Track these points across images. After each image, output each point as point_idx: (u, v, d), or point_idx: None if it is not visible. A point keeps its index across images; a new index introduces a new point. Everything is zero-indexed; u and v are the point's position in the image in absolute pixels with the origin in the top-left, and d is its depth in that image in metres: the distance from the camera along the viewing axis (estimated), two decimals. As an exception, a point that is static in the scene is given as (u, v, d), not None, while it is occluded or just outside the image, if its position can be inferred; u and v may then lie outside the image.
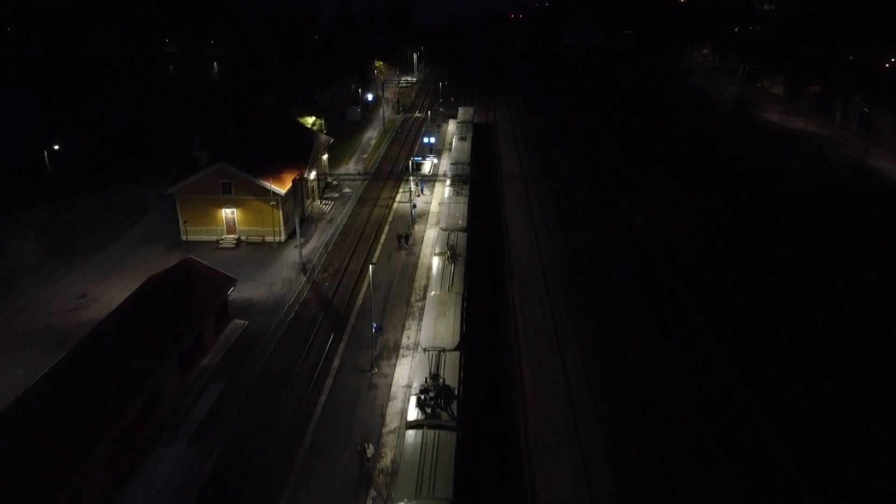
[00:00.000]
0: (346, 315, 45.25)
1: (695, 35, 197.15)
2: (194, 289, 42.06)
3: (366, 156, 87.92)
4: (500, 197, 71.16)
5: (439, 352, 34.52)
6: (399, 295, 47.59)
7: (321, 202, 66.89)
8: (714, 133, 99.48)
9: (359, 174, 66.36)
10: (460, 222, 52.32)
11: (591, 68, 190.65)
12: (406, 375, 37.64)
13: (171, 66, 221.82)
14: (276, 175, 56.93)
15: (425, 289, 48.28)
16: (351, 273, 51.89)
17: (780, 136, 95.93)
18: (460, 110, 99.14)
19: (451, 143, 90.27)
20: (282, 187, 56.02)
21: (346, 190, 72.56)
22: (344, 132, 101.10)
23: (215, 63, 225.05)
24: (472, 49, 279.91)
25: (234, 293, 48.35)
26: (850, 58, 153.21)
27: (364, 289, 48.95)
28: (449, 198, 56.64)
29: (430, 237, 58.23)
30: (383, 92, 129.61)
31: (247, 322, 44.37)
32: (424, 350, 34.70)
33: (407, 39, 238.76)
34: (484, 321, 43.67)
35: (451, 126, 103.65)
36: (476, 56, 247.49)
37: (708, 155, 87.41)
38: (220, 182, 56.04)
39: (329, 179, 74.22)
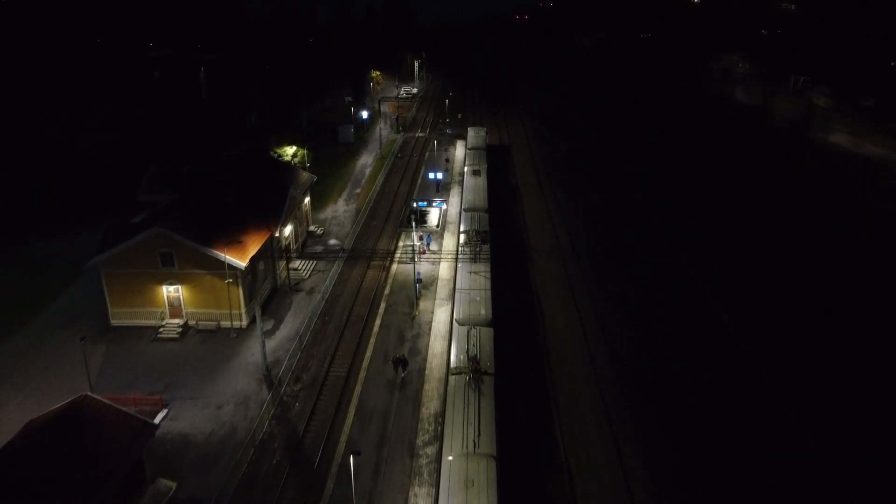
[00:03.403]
0: (322, 472, 30.92)
1: (718, 38, 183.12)
2: (91, 446, 27.91)
3: (359, 191, 73.50)
4: (525, 252, 56.91)
5: None
6: (399, 434, 33.21)
7: (299, 263, 52.58)
8: (772, 159, 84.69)
9: (342, 249, 52.13)
10: (483, 312, 38.13)
11: (610, 76, 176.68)
12: None
13: (156, 73, 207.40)
14: (236, 238, 42.69)
15: (436, 420, 34.08)
16: (333, 384, 37.58)
17: (854, 164, 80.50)
18: (470, 132, 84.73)
19: (460, 174, 76.18)
20: (242, 258, 41.75)
21: (333, 242, 58.31)
22: (334, 157, 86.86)
23: (202, 69, 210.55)
24: (475, 52, 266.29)
25: (168, 421, 34.46)
26: (893, 64, 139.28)
27: (351, 417, 34.63)
28: (465, 271, 42.26)
29: (441, 322, 43.90)
30: (380, 106, 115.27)
31: (174, 485, 30.08)
32: None
33: (407, 40, 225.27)
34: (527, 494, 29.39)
35: (459, 149, 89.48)
36: (480, 60, 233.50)
37: (773, 190, 72.53)
38: (159, 251, 41.81)
39: (312, 228, 59.93)
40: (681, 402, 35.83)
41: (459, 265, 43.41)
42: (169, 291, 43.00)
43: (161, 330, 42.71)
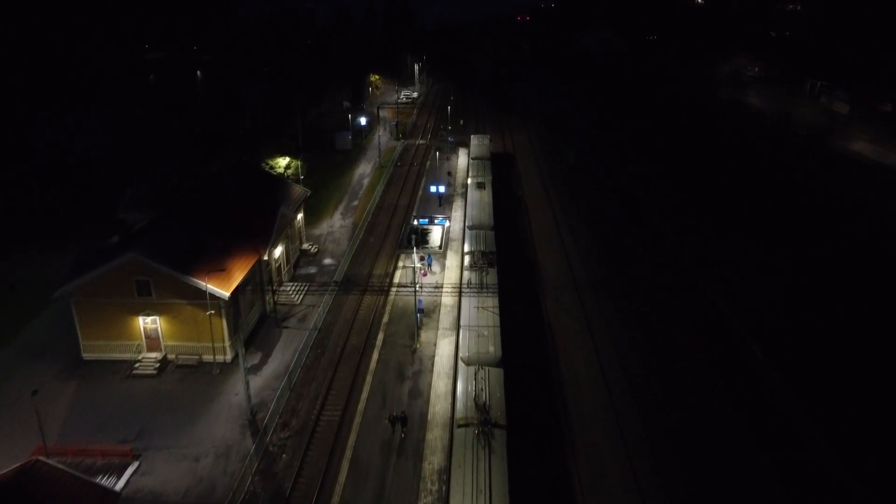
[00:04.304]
0: (309, 543, 27.19)
1: (719, 39, 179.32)
2: (41, 520, 24.16)
3: (356, 203, 69.64)
4: (534, 273, 53.08)
5: None
6: (399, 494, 29.32)
7: (290, 287, 48.75)
8: (790, 168, 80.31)
9: (336, 283, 48.10)
10: (491, 349, 34.28)
11: (611, 77, 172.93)
12: None
13: (152, 76, 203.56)
14: (219, 265, 38.96)
15: (440, 477, 30.27)
16: (325, 431, 33.75)
17: (880, 176, 76.50)
18: (473, 140, 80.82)
19: (463, 186, 72.42)
20: (225, 287, 37.97)
21: (328, 261, 54.50)
22: (331, 166, 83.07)
23: (199, 71, 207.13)
24: (476, 52, 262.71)
25: (138, 476, 30.76)
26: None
27: (344, 473, 30.80)
28: (470, 305, 38.11)
29: (445, 356, 40.09)
30: (379, 112, 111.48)
31: (141, 560, 26.32)
32: None
33: (407, 41, 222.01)
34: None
35: (462, 158, 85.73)
36: (481, 62, 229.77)
37: (793, 202, 68.14)
38: (134, 280, 38.03)
39: (306, 246, 56.11)
40: (714, 453, 32.02)
41: (464, 299, 39.24)
42: (146, 323, 39.24)
43: (137, 365, 38.90)
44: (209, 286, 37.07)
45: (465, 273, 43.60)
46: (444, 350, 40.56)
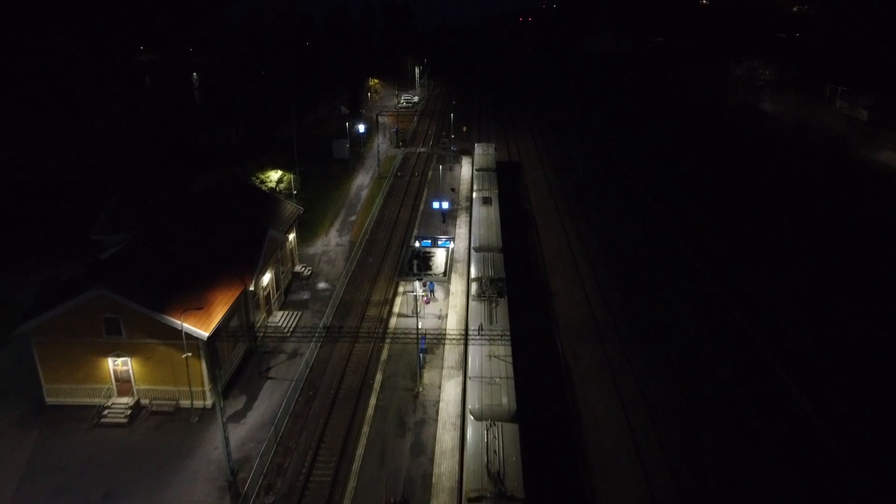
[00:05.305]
0: None
1: (732, 42, 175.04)
2: None
3: (354, 218, 65.38)
4: (547, 300, 48.82)
5: None
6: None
7: (280, 316, 44.55)
8: (815, 181, 75.85)
9: (324, 327, 43.56)
10: (504, 401, 30.10)
11: (616, 78, 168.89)
12: None
13: (147, 79, 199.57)
14: (198, 300, 34.81)
15: (448, 559, 26.09)
16: (315, 495, 29.55)
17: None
18: (478, 150, 76.56)
19: (467, 199, 68.36)
20: (205, 326, 33.79)
21: (322, 285, 50.29)
22: (327, 176, 78.80)
23: (196, 74, 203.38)
24: (478, 54, 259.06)
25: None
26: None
27: (334, 552, 26.67)
28: (478, 353, 33.28)
29: (451, 402, 35.85)
30: (378, 118, 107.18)
31: None
32: None
33: (406, 42, 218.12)
34: None
35: (465, 168, 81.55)
36: (483, 63, 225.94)
37: (828, 220, 63.68)
38: (102, 317, 33.86)
39: (298, 268, 51.87)
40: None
41: (471, 346, 34.49)
42: (116, 365, 35.10)
43: (106, 412, 34.69)
44: (185, 325, 32.91)
45: (472, 304, 39.36)
46: (449, 394, 36.35)
